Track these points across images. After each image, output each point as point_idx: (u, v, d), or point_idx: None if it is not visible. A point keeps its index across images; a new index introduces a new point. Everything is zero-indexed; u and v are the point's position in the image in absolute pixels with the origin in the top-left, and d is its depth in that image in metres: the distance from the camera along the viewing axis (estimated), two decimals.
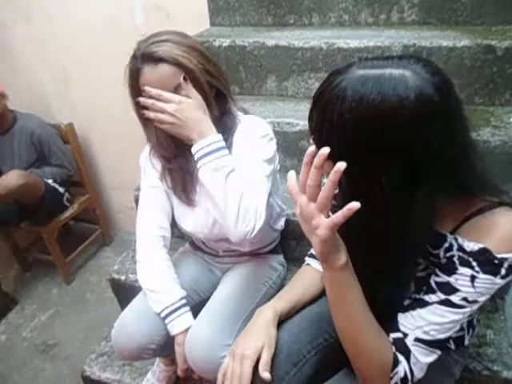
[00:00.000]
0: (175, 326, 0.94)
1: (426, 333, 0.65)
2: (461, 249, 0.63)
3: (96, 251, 2.45)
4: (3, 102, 1.87)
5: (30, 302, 2.12)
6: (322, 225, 0.59)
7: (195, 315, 0.97)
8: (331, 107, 0.58)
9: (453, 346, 0.80)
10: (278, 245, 1.18)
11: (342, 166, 0.54)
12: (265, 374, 0.72)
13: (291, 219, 1.18)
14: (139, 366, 1.28)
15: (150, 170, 1.00)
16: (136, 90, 0.84)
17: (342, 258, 0.63)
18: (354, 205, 0.54)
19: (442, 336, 0.65)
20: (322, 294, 0.89)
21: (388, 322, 0.70)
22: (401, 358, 0.67)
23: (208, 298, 1.04)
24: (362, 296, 0.67)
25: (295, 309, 0.85)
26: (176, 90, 0.81)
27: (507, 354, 1.01)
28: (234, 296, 0.98)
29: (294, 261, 1.22)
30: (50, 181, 1.97)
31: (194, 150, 0.82)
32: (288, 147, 1.38)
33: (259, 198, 0.83)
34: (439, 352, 0.67)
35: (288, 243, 1.25)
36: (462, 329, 0.79)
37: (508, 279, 0.61)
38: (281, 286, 1.15)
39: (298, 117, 1.36)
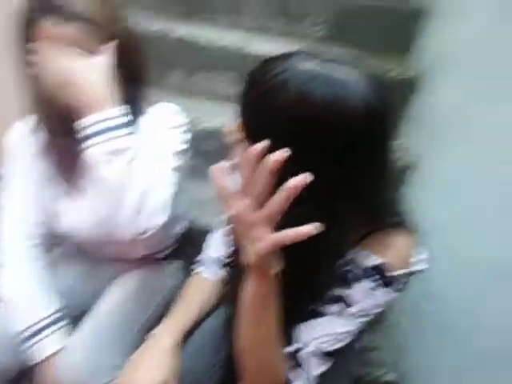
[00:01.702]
0: (43, 349, 0.75)
1: (322, 344, 0.64)
2: (360, 263, 0.63)
3: None
4: None
5: None
6: (266, 239, 0.50)
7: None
8: (268, 98, 0.52)
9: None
10: (176, 250, 1.07)
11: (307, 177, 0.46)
12: None
13: (192, 226, 1.10)
14: None
15: (24, 151, 0.81)
16: (25, 45, 0.68)
17: (276, 267, 0.56)
18: (314, 226, 0.47)
19: (336, 346, 0.64)
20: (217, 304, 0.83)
21: (284, 335, 0.65)
22: (294, 375, 0.64)
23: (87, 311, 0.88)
24: (278, 306, 0.62)
25: (196, 326, 0.76)
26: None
27: (387, 358, 1.07)
28: (123, 307, 0.84)
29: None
30: None
31: (84, 123, 0.65)
32: (192, 146, 1.30)
33: (164, 191, 0.72)
34: (331, 361, 0.66)
35: (186, 250, 1.16)
36: None
37: (399, 293, 0.63)
38: (176, 296, 1.05)
39: (203, 114, 1.30)
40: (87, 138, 0.66)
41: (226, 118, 1.27)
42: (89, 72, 0.65)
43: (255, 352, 0.62)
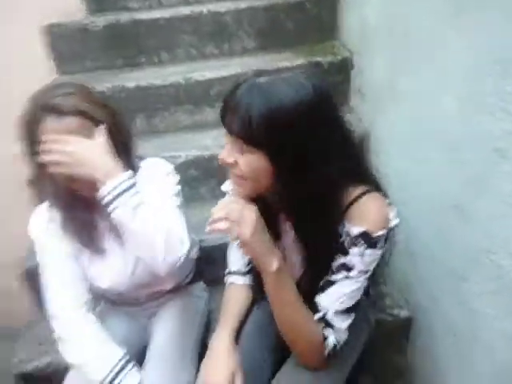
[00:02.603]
0: None
1: (339, 304, 0.80)
2: (347, 234, 0.78)
3: None
4: None
5: None
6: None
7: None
8: (254, 110, 0.68)
9: (363, 297, 0.97)
10: (196, 273, 1.21)
11: None
12: None
13: (203, 246, 1.23)
14: None
15: (50, 235, 0.92)
16: (32, 142, 0.79)
17: (274, 263, 0.73)
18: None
19: (352, 302, 0.81)
20: (252, 303, 1.00)
21: (311, 305, 0.82)
22: (327, 331, 0.80)
23: (141, 349, 1.01)
24: (296, 291, 0.78)
25: (242, 325, 0.91)
26: None
27: (399, 300, 1.26)
28: (173, 334, 0.98)
29: (214, 283, 1.26)
30: None
31: (105, 190, 0.78)
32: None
33: (180, 227, 0.85)
34: (354, 314, 0.83)
35: (204, 269, 1.29)
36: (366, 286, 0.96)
37: (385, 248, 0.80)
38: (209, 311, 1.19)
39: (177, 149, 1.42)
40: (110, 202, 0.78)
41: (194, 147, 1.42)
42: (94, 151, 0.78)
43: (289, 326, 0.80)
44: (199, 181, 1.46)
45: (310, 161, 0.71)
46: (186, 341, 0.98)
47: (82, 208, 0.91)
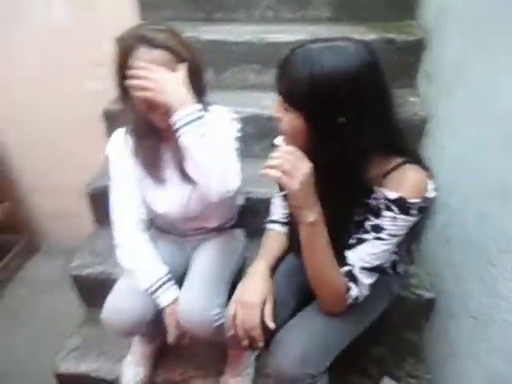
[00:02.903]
0: (164, 299, 1.03)
1: (367, 262, 0.87)
2: (384, 198, 0.83)
3: (22, 262, 2.30)
4: None
5: None
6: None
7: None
8: (298, 74, 0.75)
9: (390, 271, 1.04)
10: (238, 221, 1.31)
11: None
12: (271, 324, 0.89)
13: (249, 197, 1.32)
14: (114, 353, 1.32)
15: (122, 156, 1.05)
16: (123, 66, 0.91)
17: (312, 216, 0.80)
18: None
19: (378, 262, 0.87)
20: (286, 251, 1.09)
21: (339, 259, 0.89)
22: (351, 284, 0.87)
23: (183, 273, 1.14)
24: (329, 244, 0.85)
25: (277, 262, 1.02)
26: None
27: (425, 282, 1.30)
28: (213, 262, 1.11)
29: (253, 235, 1.34)
30: None
31: (178, 116, 0.87)
32: None
33: (235, 163, 0.95)
34: (377, 274, 0.89)
35: (246, 219, 1.39)
36: (394, 260, 1.03)
37: (418, 217, 0.84)
38: (244, 258, 1.29)
39: (239, 105, 1.49)
40: (181, 127, 0.88)
41: (256, 105, 1.49)
42: (174, 82, 0.88)
43: (317, 273, 0.87)
44: (254, 139, 1.54)
45: (342, 129, 0.76)
46: (223, 270, 1.10)
47: (153, 138, 1.03)
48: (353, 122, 0.76)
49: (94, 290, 1.37)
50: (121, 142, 1.06)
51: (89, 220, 1.57)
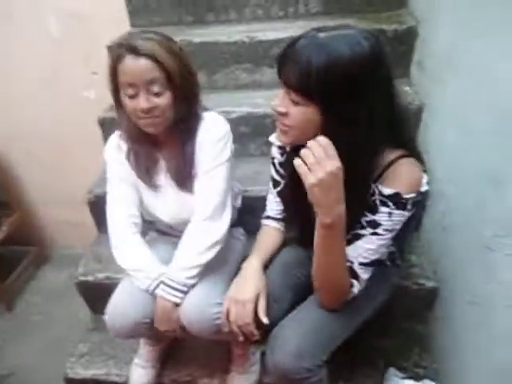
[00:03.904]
0: (166, 297, 1.02)
1: (365, 257, 0.87)
2: (380, 194, 0.83)
3: (34, 271, 2.35)
4: None
5: None
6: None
7: None
8: (305, 62, 0.73)
9: (388, 263, 1.05)
10: (237, 221, 1.32)
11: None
12: (265, 319, 0.90)
13: (246, 195, 1.33)
14: (122, 358, 1.34)
15: (116, 160, 1.06)
16: (114, 73, 0.93)
17: (329, 218, 0.76)
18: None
19: (375, 257, 0.87)
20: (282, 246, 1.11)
21: None
22: (353, 281, 0.88)
23: None
24: (343, 246, 0.84)
25: (271, 259, 1.03)
26: (150, 83, 0.90)
27: (427, 271, 1.29)
28: (213, 263, 1.11)
29: (252, 233, 1.33)
30: None
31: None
32: None
33: (225, 203, 1.03)
34: (373, 269, 0.90)
35: (244, 218, 1.40)
36: (392, 252, 1.02)
37: (413, 211, 0.84)
38: (244, 257, 1.30)
39: (232, 105, 1.51)
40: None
41: (249, 104, 1.49)
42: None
43: (325, 271, 0.87)
44: (249, 137, 1.54)
45: (356, 118, 0.76)
46: (222, 270, 1.11)
47: (146, 145, 1.05)
48: (366, 111, 0.76)
49: (99, 296, 1.39)
50: (115, 146, 1.07)
51: (95, 227, 1.59)
